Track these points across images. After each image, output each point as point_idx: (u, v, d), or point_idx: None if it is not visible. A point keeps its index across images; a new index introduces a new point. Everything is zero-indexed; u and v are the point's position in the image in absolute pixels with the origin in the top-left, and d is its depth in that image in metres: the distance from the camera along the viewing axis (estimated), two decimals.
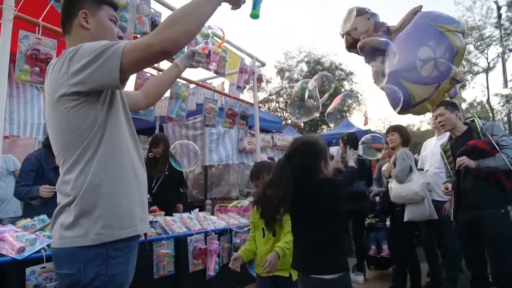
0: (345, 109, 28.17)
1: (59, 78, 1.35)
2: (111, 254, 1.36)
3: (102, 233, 1.33)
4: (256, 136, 4.17)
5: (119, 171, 1.42)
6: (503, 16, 21.62)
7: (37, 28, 2.32)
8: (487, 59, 24.06)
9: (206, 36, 2.03)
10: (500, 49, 21.31)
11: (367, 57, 4.02)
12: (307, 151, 2.02)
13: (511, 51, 22.35)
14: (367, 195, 4.67)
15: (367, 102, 28.31)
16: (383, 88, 3.82)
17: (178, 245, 3.07)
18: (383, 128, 28.87)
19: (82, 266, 1.31)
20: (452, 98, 3.77)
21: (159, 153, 4.23)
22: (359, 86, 27.96)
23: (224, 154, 5.89)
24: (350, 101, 28.01)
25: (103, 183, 1.37)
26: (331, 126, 27.19)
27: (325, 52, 27.08)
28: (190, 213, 3.68)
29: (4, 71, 2.11)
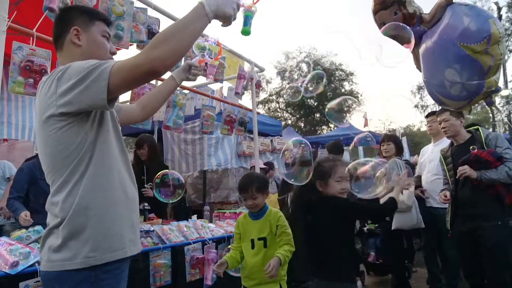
0: (345, 109, 28.17)
1: (47, 99, 1.33)
2: (101, 276, 1.33)
3: (91, 256, 1.31)
4: (254, 141, 4.14)
5: (108, 192, 1.39)
6: (503, 17, 21.58)
7: (31, 38, 2.30)
8: None
9: (202, 49, 2.01)
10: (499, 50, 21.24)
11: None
12: (314, 171, 2.24)
13: (511, 51, 22.29)
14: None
15: (367, 102, 28.26)
16: None
17: (175, 254, 3.04)
18: (383, 128, 28.83)
19: None
20: (489, 106, 3.64)
21: (144, 154, 4.11)
22: (359, 86, 27.83)
23: (223, 158, 5.86)
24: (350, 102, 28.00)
25: (91, 205, 1.35)
26: (331, 127, 27.24)
27: (325, 52, 26.98)
28: (188, 220, 3.66)
29: None
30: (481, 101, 3.53)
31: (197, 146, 5.68)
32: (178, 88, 3.59)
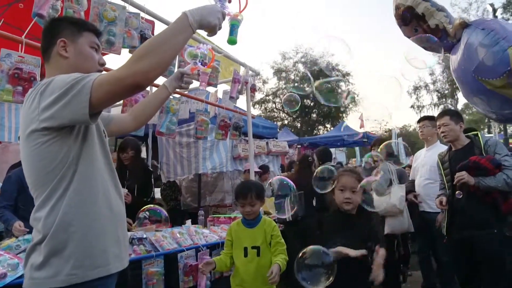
0: (342, 109, 28.26)
1: (30, 113, 1.30)
2: None
3: (73, 274, 1.29)
4: (249, 145, 4.11)
5: (92, 207, 1.37)
6: (498, 18, 21.65)
7: (20, 45, 2.26)
8: None
9: (194, 57, 1.98)
10: None
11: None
12: None
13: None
14: None
15: (363, 102, 28.27)
16: None
17: (168, 262, 3.01)
18: (379, 129, 28.89)
19: None
20: None
21: (127, 159, 4.00)
22: (355, 87, 27.87)
23: (218, 161, 5.83)
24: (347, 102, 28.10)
25: (74, 221, 1.32)
26: (327, 127, 27.27)
27: (321, 52, 26.98)
28: (182, 226, 3.63)
29: None
30: None
31: (192, 149, 5.64)
32: None
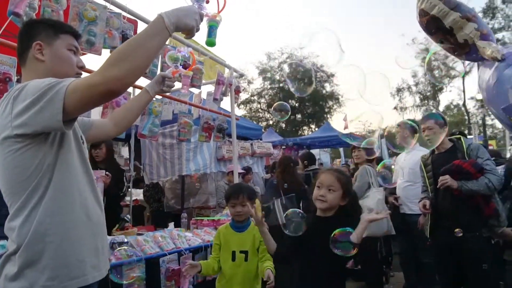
0: (326, 110, 28.49)
1: (3, 119, 1.25)
2: None
3: (48, 285, 1.25)
4: (233, 147, 4.08)
5: (68, 216, 1.32)
6: None
7: None
8: (463, 63, 24.63)
9: (175, 60, 1.94)
10: None
11: None
12: None
13: None
14: None
15: (348, 103, 28.57)
16: None
17: (149, 266, 2.96)
18: (363, 130, 29.14)
19: None
20: None
21: (99, 156, 3.96)
22: (340, 88, 28.12)
23: (202, 163, 5.78)
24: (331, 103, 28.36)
25: (49, 231, 1.27)
26: (312, 128, 27.43)
27: (307, 53, 27.14)
28: (164, 230, 3.57)
29: None
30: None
31: (175, 151, 5.58)
32: None
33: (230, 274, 2.56)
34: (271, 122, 28.27)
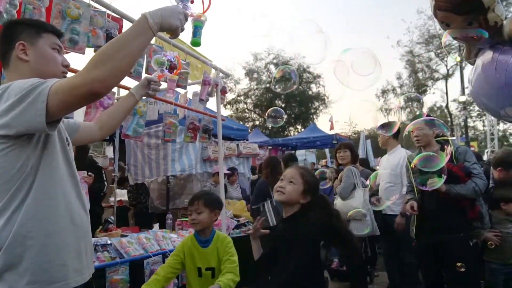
0: (312, 111, 28.67)
1: None
2: None
3: None
4: (219, 148, 4.06)
5: (51, 219, 1.30)
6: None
7: None
8: (446, 66, 25.14)
9: (161, 64, 1.93)
10: (458, 58, 22.29)
11: None
12: None
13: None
14: None
15: (333, 104, 28.81)
16: None
17: (133, 269, 2.92)
18: (348, 130, 29.50)
19: None
20: None
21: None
22: (325, 89, 28.35)
23: (188, 163, 5.74)
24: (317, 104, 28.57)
25: (31, 234, 1.25)
26: (298, 128, 27.56)
27: (293, 54, 27.26)
28: (148, 231, 3.54)
29: None
30: None
31: (161, 151, 5.53)
32: None
33: None
34: (257, 123, 28.32)
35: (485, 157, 13.67)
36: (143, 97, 2.00)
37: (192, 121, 3.84)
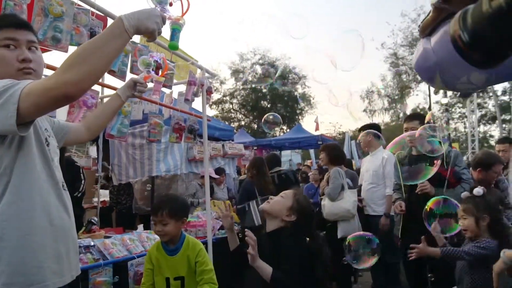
0: (298, 112, 28.82)
1: None
2: None
3: None
4: (204, 149, 4.04)
5: (26, 221, 1.27)
6: None
7: None
8: None
9: (148, 65, 1.91)
10: None
11: None
12: None
13: None
14: None
15: (319, 105, 29.02)
16: None
17: (117, 270, 2.88)
18: (333, 131, 29.74)
19: None
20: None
21: None
22: (311, 89, 28.54)
23: (173, 164, 5.70)
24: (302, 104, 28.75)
25: (5, 235, 1.22)
26: (283, 129, 27.65)
27: (279, 55, 27.35)
28: (133, 232, 3.50)
29: None
30: None
31: (145, 151, 5.47)
32: None
33: None
34: (243, 123, 28.31)
35: (465, 157, 13.97)
36: (129, 98, 1.99)
37: (178, 121, 3.81)
